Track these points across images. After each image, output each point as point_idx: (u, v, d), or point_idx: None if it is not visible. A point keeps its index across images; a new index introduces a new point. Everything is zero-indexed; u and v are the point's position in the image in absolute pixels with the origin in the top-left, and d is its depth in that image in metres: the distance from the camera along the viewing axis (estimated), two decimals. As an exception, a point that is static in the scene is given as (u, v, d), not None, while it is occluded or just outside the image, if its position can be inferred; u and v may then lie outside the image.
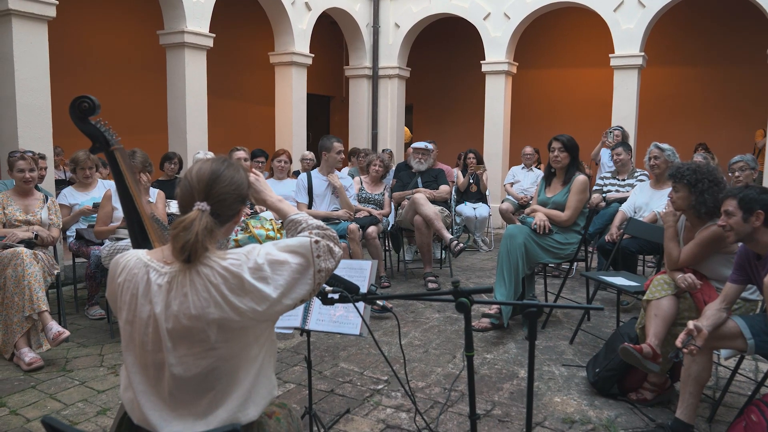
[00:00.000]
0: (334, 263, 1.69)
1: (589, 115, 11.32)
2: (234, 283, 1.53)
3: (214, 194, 1.62)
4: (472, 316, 1.89)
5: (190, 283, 1.53)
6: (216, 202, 1.62)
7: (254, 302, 1.54)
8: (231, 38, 10.09)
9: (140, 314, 1.56)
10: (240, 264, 1.55)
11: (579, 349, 4.14)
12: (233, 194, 1.66)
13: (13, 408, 3.20)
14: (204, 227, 1.54)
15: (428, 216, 5.74)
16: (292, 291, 1.60)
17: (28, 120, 5.49)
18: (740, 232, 2.77)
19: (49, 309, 3.87)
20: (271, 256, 1.58)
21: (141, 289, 1.57)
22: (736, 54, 10.72)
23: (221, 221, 1.65)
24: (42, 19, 5.56)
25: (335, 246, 1.70)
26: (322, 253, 1.65)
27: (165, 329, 1.53)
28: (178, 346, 1.54)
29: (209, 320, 1.52)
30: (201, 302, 1.52)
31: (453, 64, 13.07)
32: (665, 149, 5.14)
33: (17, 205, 4.32)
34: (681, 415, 2.82)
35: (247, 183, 1.72)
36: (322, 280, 1.66)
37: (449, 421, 3.06)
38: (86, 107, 2.41)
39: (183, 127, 7.25)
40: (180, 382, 1.55)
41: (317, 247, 1.65)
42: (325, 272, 1.66)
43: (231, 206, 1.67)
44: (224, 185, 1.64)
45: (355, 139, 10.48)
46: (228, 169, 1.68)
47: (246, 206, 1.75)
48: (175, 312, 1.53)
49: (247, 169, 1.82)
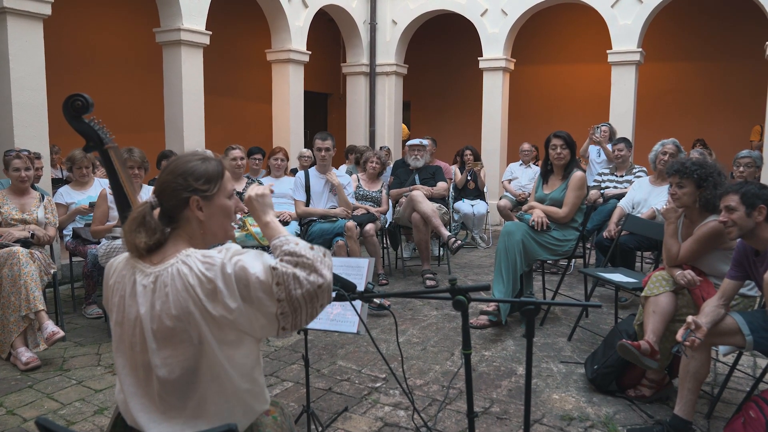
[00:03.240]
0: (302, 292, 1.49)
1: (587, 112, 11.29)
2: (209, 288, 1.50)
3: (157, 184, 1.63)
4: (470, 313, 1.88)
5: (171, 283, 1.52)
6: (158, 192, 1.62)
7: (225, 311, 1.50)
8: (228, 36, 10.06)
9: (128, 315, 1.56)
10: (216, 268, 1.51)
11: (577, 346, 4.14)
12: (174, 182, 1.60)
13: (10, 408, 3.19)
14: (134, 217, 1.56)
15: (426, 213, 5.73)
16: (249, 316, 1.50)
17: (23, 119, 5.47)
18: (743, 227, 2.76)
19: (45, 308, 3.86)
20: (239, 268, 1.50)
21: (128, 290, 1.57)
22: (734, 49, 10.71)
23: (169, 213, 1.61)
24: (37, 17, 5.53)
25: (308, 274, 1.50)
26: (282, 281, 1.48)
27: (150, 330, 1.52)
28: (162, 348, 1.53)
29: (190, 321, 1.50)
30: (181, 302, 1.50)
31: (450, 61, 13.06)
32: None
33: (13, 204, 4.31)
34: (679, 411, 2.82)
35: (207, 174, 1.63)
36: (287, 309, 1.50)
37: (447, 419, 3.06)
38: (79, 105, 2.39)
39: (180, 126, 7.22)
40: (165, 384, 1.54)
41: (275, 273, 1.48)
42: (288, 302, 1.49)
43: (172, 195, 1.60)
44: (167, 173, 1.62)
45: (352, 136, 10.46)
46: (184, 158, 1.65)
47: (203, 198, 1.61)
48: (158, 312, 1.52)
49: (226, 165, 1.74)
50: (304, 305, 1.50)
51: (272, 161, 6.25)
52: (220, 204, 1.66)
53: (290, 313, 1.50)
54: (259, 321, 1.52)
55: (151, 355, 1.52)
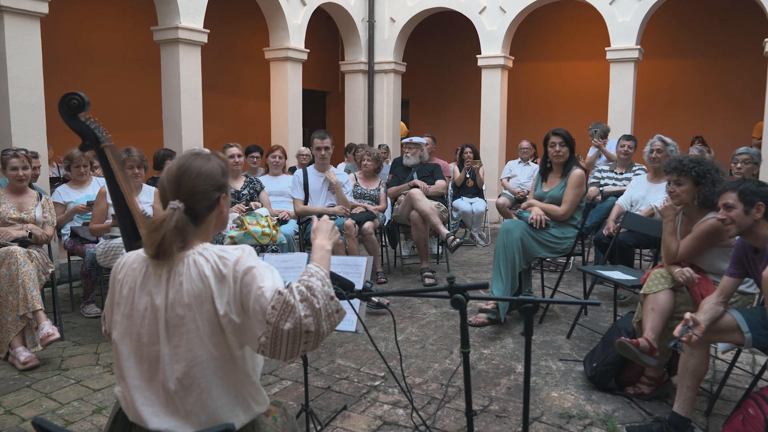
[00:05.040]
0: (290, 327, 1.48)
1: (586, 109, 11.29)
2: (221, 282, 1.54)
3: (183, 189, 1.62)
4: (469, 311, 1.87)
5: (186, 272, 1.55)
6: (188, 197, 1.61)
7: (227, 307, 1.53)
8: (226, 34, 10.04)
9: (138, 306, 1.58)
10: (230, 263, 1.55)
11: (576, 343, 4.13)
12: (204, 184, 1.63)
13: (8, 407, 3.18)
14: (174, 226, 1.55)
15: (424, 211, 5.72)
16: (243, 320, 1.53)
17: (21, 118, 5.45)
18: (741, 224, 2.76)
19: (43, 308, 3.85)
20: (250, 274, 1.53)
21: (139, 281, 1.60)
22: (732, 46, 10.70)
23: (199, 214, 1.63)
24: (34, 16, 5.51)
25: (306, 315, 1.49)
26: (279, 307, 1.49)
27: (163, 319, 1.55)
28: (172, 337, 1.55)
29: (200, 311, 1.53)
30: (194, 290, 1.53)
31: (449, 59, 13.04)
32: (669, 144, 5.11)
33: (11, 203, 4.30)
34: (678, 408, 2.82)
35: (222, 170, 1.68)
36: (269, 336, 1.49)
37: (446, 417, 3.05)
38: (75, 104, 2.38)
39: (178, 124, 7.21)
40: (171, 377, 1.55)
41: (277, 297, 1.49)
42: (273, 330, 1.48)
43: (205, 197, 1.63)
44: (192, 178, 1.62)
45: (351, 134, 10.45)
46: (195, 160, 1.66)
47: (226, 194, 1.68)
48: (171, 301, 1.55)
49: (225, 157, 1.79)
50: (285, 341, 1.49)
51: (270, 159, 6.24)
52: (228, 195, 1.73)
53: (270, 343, 1.50)
54: (246, 331, 1.55)
55: (162, 346, 1.55)
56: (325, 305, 1.54)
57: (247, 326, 1.54)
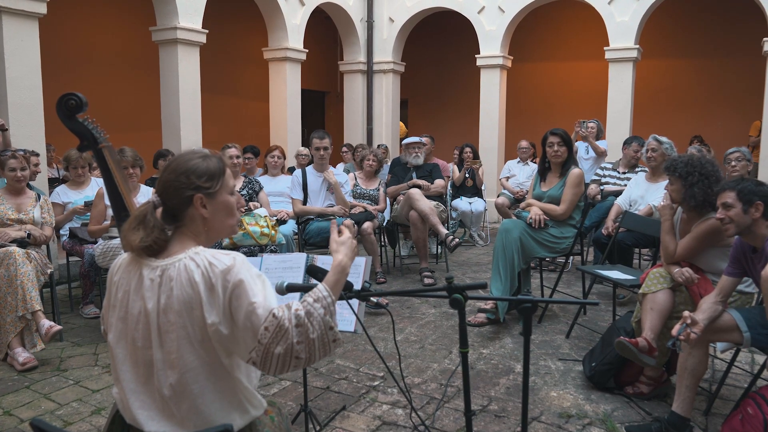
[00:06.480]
0: (281, 351, 1.46)
1: (585, 109, 11.27)
2: (210, 288, 1.51)
3: (159, 183, 1.64)
4: (468, 311, 1.87)
5: (176, 277, 1.53)
6: (161, 191, 1.62)
7: (216, 315, 1.51)
8: (224, 34, 10.03)
9: (132, 310, 1.57)
10: (218, 270, 1.52)
11: (575, 343, 4.13)
12: (177, 181, 1.60)
13: (7, 408, 3.18)
14: (134, 216, 1.58)
15: (423, 211, 5.72)
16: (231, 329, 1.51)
17: (19, 118, 5.45)
18: (740, 224, 2.76)
19: (42, 308, 3.85)
20: (240, 287, 1.50)
21: (133, 285, 1.58)
22: (731, 45, 10.70)
23: (174, 212, 1.62)
24: (33, 17, 5.50)
25: (298, 341, 1.47)
26: (271, 328, 1.46)
27: (156, 324, 1.53)
28: (164, 343, 1.53)
29: (190, 317, 1.51)
30: (184, 297, 1.51)
31: (448, 59, 13.03)
32: (663, 142, 5.12)
33: (9, 203, 4.29)
34: (677, 408, 2.82)
35: (211, 172, 1.63)
36: (259, 354, 1.47)
37: (445, 417, 3.05)
38: (73, 105, 2.38)
39: (177, 124, 7.20)
40: (165, 381, 1.54)
41: (270, 318, 1.47)
42: (264, 350, 1.46)
43: (176, 193, 1.60)
44: (169, 173, 1.62)
45: (350, 134, 10.45)
46: (184, 156, 1.65)
47: (207, 196, 1.61)
48: (163, 306, 1.53)
49: (227, 161, 1.75)
50: (275, 361, 1.49)
51: (269, 159, 6.24)
52: (223, 200, 1.66)
53: (260, 359, 1.49)
54: (235, 342, 1.53)
55: (154, 351, 1.53)
56: (320, 335, 1.51)
57: (236, 337, 1.51)
